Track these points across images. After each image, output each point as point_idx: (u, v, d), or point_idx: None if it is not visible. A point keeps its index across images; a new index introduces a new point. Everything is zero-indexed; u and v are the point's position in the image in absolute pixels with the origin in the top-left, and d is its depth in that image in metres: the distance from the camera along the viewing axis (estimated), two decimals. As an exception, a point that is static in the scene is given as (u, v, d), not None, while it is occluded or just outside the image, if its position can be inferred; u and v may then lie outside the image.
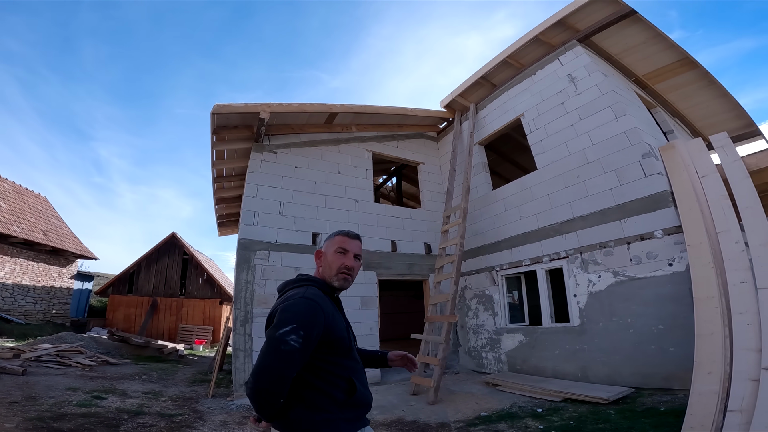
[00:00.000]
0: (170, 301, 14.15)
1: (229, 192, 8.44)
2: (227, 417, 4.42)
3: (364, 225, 6.98)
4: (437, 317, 5.84)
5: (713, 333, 3.40)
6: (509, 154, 9.59)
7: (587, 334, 5.05)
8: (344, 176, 7.20)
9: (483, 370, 6.49)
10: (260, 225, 6.06)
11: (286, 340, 1.09)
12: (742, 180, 4.15)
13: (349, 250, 1.39)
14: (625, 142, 5.13)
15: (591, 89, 5.74)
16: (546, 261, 5.78)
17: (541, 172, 6.18)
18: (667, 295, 4.29)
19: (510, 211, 6.54)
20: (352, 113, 7.18)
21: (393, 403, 4.93)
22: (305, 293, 1.24)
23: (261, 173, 6.38)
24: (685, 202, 4.30)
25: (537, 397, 4.67)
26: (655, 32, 5.96)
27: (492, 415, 4.19)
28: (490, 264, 6.73)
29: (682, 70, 6.71)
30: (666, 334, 4.26)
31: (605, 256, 5.00)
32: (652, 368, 4.34)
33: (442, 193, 8.09)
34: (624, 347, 4.64)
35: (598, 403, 4.09)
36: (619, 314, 4.73)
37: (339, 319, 1.31)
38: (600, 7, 5.76)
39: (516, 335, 6.07)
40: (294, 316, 1.15)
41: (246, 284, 5.67)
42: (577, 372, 5.06)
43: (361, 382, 1.30)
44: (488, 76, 7.34)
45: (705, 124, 8.00)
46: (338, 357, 1.25)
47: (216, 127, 6.15)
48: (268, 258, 5.93)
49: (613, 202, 5.05)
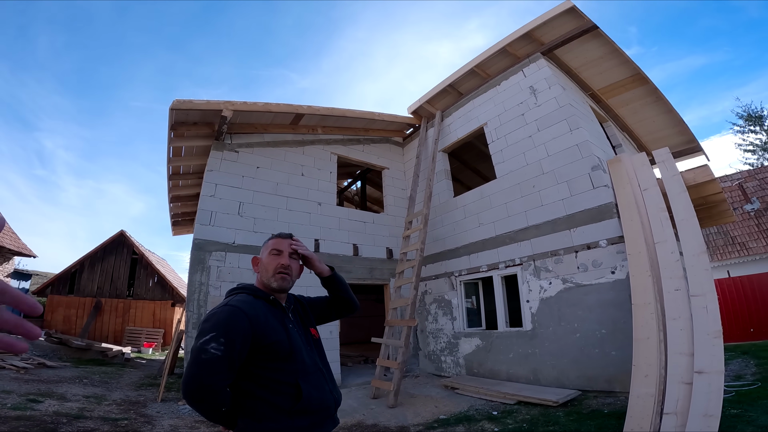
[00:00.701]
0: (116, 302, 13.30)
1: (185, 190, 8.06)
2: (178, 422, 4.22)
3: (326, 228, 6.89)
4: (397, 321, 5.85)
5: (649, 337, 3.63)
6: (471, 162, 9.83)
7: (538, 339, 5.25)
8: (308, 178, 7.09)
9: (442, 373, 6.57)
10: (217, 225, 5.83)
11: (206, 349, 1.09)
12: (679, 194, 4.48)
13: (283, 249, 1.40)
14: (577, 154, 5.38)
15: (550, 101, 5.95)
16: (502, 267, 5.96)
17: (499, 181, 6.37)
18: (610, 301, 4.55)
19: (469, 218, 6.69)
20: (319, 115, 7.08)
21: (353, 406, 4.89)
22: (229, 301, 1.24)
23: (220, 172, 6.15)
24: (628, 214, 4.58)
25: (493, 400, 4.80)
26: (612, 48, 6.25)
27: (450, 418, 4.26)
28: (450, 269, 6.85)
29: (634, 86, 7.08)
30: (608, 338, 4.50)
31: (556, 264, 5.23)
32: (596, 371, 4.57)
33: (406, 198, 8.16)
34: (571, 351, 4.85)
35: (548, 406, 4.25)
36: (567, 319, 4.96)
37: (275, 323, 1.27)
38: (565, 21, 5.98)
39: (473, 339, 6.20)
40: (214, 325, 1.14)
41: (200, 286, 5.42)
42: (530, 375, 5.24)
43: (313, 385, 1.25)
44: (455, 84, 7.47)
45: (651, 139, 8.50)
46: (278, 362, 1.21)
47: (174, 123, 5.86)
48: (224, 259, 5.71)
49: (564, 212, 5.29)
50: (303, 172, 7.07)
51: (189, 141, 6.29)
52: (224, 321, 1.16)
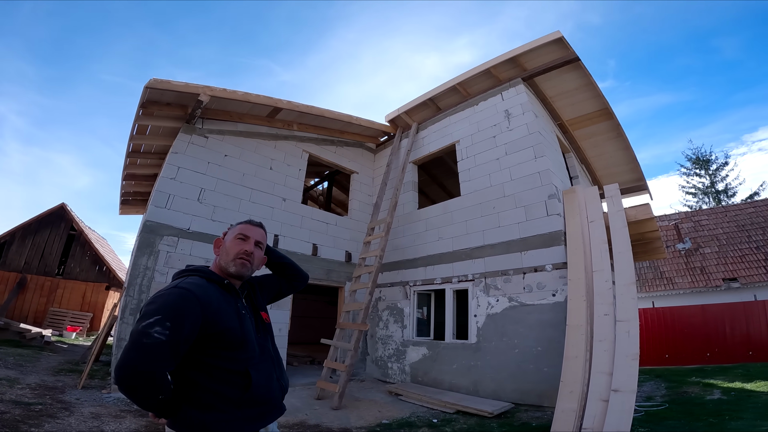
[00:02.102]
0: (43, 280, 12.21)
1: (142, 169, 7.66)
2: (101, 410, 3.98)
3: (288, 225, 6.83)
4: (349, 324, 5.89)
5: (577, 356, 3.94)
6: (439, 176, 10.12)
7: (481, 352, 5.49)
8: (276, 173, 7.00)
9: (388, 379, 6.66)
10: (174, 209, 5.61)
11: (148, 333, 1.01)
12: (620, 228, 4.91)
13: (251, 236, 1.36)
14: (538, 181, 5.70)
15: (521, 127, 6.21)
16: (455, 282, 6.19)
17: (463, 198, 6.62)
18: (548, 321, 4.87)
19: (430, 231, 6.89)
20: (297, 111, 7.03)
21: (296, 406, 4.85)
22: (179, 283, 1.17)
23: (185, 156, 5.95)
24: (573, 243, 4.95)
25: (434, 408, 4.95)
26: (588, 81, 6.60)
27: (392, 423, 4.35)
28: (405, 279, 7.00)
29: (600, 120, 7.51)
30: (543, 355, 4.82)
31: (504, 283, 5.52)
32: (530, 385, 4.86)
33: (371, 204, 8.25)
34: (509, 365, 5.13)
35: (484, 417, 4.46)
36: (509, 335, 5.24)
37: (228, 309, 1.22)
38: (551, 50, 6.19)
39: (421, 348, 6.36)
40: (160, 307, 1.06)
41: (145, 270, 5.17)
42: (470, 386, 5.45)
43: (262, 374, 1.22)
44: (436, 99, 7.62)
45: (605, 173, 9.08)
46: (227, 350, 1.16)
47: (146, 101, 5.61)
48: (176, 245, 5.49)
49: (519, 235, 5.61)
50: (272, 166, 6.98)
51: (158, 121, 6.03)
52: (172, 304, 1.08)
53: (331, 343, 5.82)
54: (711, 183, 22.93)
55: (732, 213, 13.68)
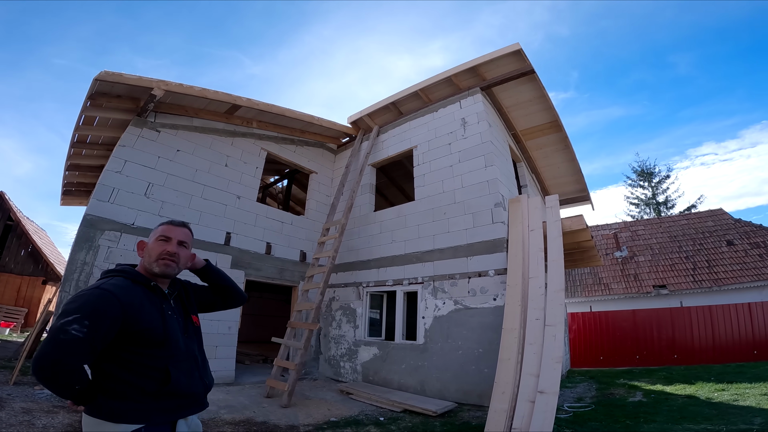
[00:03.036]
0: (-25, 273, 11.27)
1: (88, 160, 7.25)
2: (33, 405, 3.86)
3: (241, 222, 6.73)
4: (300, 324, 5.91)
5: (510, 359, 4.21)
6: (398, 179, 10.30)
7: (428, 353, 5.71)
8: (231, 170, 6.87)
9: (340, 378, 6.74)
10: (118, 203, 5.38)
11: (66, 330, 1.08)
12: (556, 238, 5.26)
13: (173, 237, 1.41)
14: (486, 190, 5.96)
15: (475, 136, 6.43)
16: (406, 284, 6.37)
17: (417, 203, 6.81)
18: (488, 324, 5.16)
19: (384, 234, 7.03)
20: (257, 110, 6.92)
21: (244, 404, 4.83)
22: (102, 284, 1.23)
23: (134, 149, 5.73)
24: (514, 250, 5.26)
25: (382, 407, 5.09)
26: (541, 93, 6.92)
27: (340, 421, 4.44)
28: (359, 280, 7.11)
29: (550, 132, 7.90)
30: (483, 356, 5.09)
31: (451, 286, 5.76)
32: (472, 386, 5.12)
33: (328, 204, 8.26)
34: (453, 366, 5.37)
35: (428, 415, 4.65)
36: (453, 337, 5.49)
37: (151, 309, 1.28)
38: (509, 62, 6.41)
39: (372, 348, 6.50)
40: (80, 307, 1.13)
41: (83, 265, 4.93)
42: (418, 385, 5.65)
43: (183, 372, 1.29)
44: (398, 103, 7.72)
45: (552, 183, 9.59)
46: (147, 348, 1.23)
47: (94, 93, 5.34)
48: (118, 240, 5.27)
49: (466, 241, 5.87)
50: (227, 163, 6.84)
51: (107, 112, 5.77)
52: (91, 304, 1.14)
53: (282, 341, 5.82)
54: (653, 195, 24.63)
55: (666, 224, 14.95)
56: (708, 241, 12.94)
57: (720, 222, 13.65)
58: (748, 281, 10.87)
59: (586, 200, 9.92)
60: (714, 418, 4.48)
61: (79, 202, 9.22)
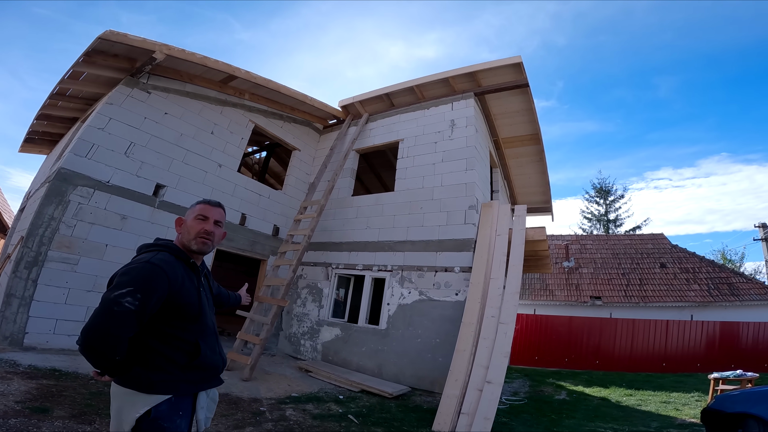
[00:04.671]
0: None
1: (62, 111, 6.87)
2: None
3: (219, 191, 6.68)
4: (268, 299, 6.02)
5: (465, 350, 4.66)
6: (378, 167, 10.49)
7: (389, 338, 6.07)
8: (216, 138, 6.78)
9: (299, 356, 6.93)
10: (95, 159, 5.22)
11: (120, 302, 1.14)
12: (519, 245, 5.75)
13: (210, 216, 1.46)
14: (463, 192, 6.28)
15: (461, 139, 6.69)
16: (375, 270, 6.67)
17: (396, 194, 7.06)
18: (448, 317, 5.59)
19: (360, 219, 7.24)
20: (252, 82, 6.85)
21: None
22: (152, 258, 1.29)
23: (121, 108, 5.58)
24: (480, 251, 5.69)
25: (341, 386, 5.38)
26: (530, 106, 7.24)
27: (301, 396, 4.67)
28: (329, 261, 7.30)
29: (529, 143, 8.30)
30: (440, 346, 5.52)
31: (418, 278, 6.13)
32: (426, 372, 5.53)
33: (307, 183, 8.33)
34: (411, 353, 5.77)
35: (384, 397, 5.01)
36: (415, 326, 5.89)
37: (190, 285, 1.36)
38: (507, 72, 6.68)
39: (334, 329, 6.76)
40: (133, 280, 1.19)
41: (50, 220, 4.76)
42: (375, 368, 5.98)
43: (209, 346, 1.37)
44: (392, 95, 7.80)
45: (522, 192, 10.16)
46: (184, 322, 1.31)
47: (92, 50, 5.12)
48: (90, 197, 5.12)
49: (438, 237, 6.23)
50: (214, 131, 6.75)
51: (99, 70, 5.53)
52: (145, 278, 1.21)
53: (248, 315, 5.87)
54: (606, 212, 26.34)
55: (612, 241, 16.34)
56: (644, 262, 14.35)
57: (658, 245, 15.12)
58: (671, 301, 12.25)
59: (548, 212, 10.60)
60: (620, 419, 5.22)
61: (39, 150, 8.65)
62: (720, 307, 11.93)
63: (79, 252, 4.95)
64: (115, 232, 5.31)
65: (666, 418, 5.39)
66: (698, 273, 13.11)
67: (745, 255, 36.00)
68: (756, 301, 11.73)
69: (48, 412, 2.92)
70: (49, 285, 4.67)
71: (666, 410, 5.86)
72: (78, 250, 4.95)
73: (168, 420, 1.24)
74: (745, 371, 6.45)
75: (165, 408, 1.24)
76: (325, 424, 3.81)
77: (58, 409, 3.03)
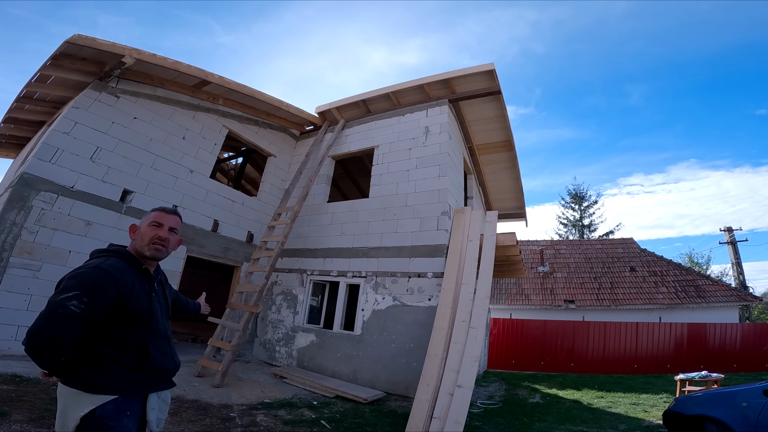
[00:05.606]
0: None
1: (29, 115, 6.67)
2: None
3: (190, 197, 6.60)
4: (241, 305, 5.97)
5: (437, 355, 4.71)
6: (354, 173, 10.53)
7: (363, 343, 6.09)
8: (188, 143, 6.69)
9: (274, 362, 6.87)
10: (59, 164, 5.10)
11: (66, 305, 1.17)
12: (490, 250, 5.88)
13: (164, 223, 1.49)
14: (436, 198, 6.39)
15: (434, 146, 6.80)
16: (349, 276, 6.69)
17: (370, 200, 7.11)
18: (421, 322, 5.65)
19: (335, 225, 7.26)
20: (226, 87, 6.81)
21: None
22: (101, 263, 1.31)
23: (87, 112, 5.47)
24: (452, 257, 5.79)
25: (315, 392, 5.36)
26: (502, 113, 7.42)
27: (274, 402, 4.63)
28: (304, 267, 7.28)
29: (502, 150, 8.50)
30: (414, 351, 5.57)
31: (392, 284, 6.19)
32: (400, 377, 5.57)
33: (282, 189, 8.29)
34: (385, 358, 5.80)
35: (359, 402, 5.01)
36: (389, 331, 5.92)
37: (140, 290, 1.39)
38: (480, 80, 6.82)
39: (309, 335, 6.73)
40: (80, 284, 1.22)
41: (12, 226, 4.61)
42: (351, 374, 5.99)
43: (159, 349, 1.40)
44: (368, 101, 7.86)
45: (496, 198, 10.38)
46: (133, 325, 1.34)
47: (60, 54, 5.02)
48: (54, 202, 4.97)
49: (411, 243, 6.31)
50: (185, 136, 6.67)
51: (66, 73, 5.41)
52: (92, 282, 1.24)
53: (219, 322, 5.81)
54: (580, 217, 27.23)
55: (584, 246, 16.85)
56: (615, 266, 14.85)
57: (628, 250, 15.69)
58: (641, 304, 12.72)
59: (522, 217, 10.84)
60: (589, 422, 5.35)
61: (5, 154, 8.34)
62: (687, 309, 12.44)
63: (42, 258, 4.81)
64: (79, 238, 5.16)
65: (634, 420, 5.53)
66: (666, 276, 13.66)
67: (711, 258, 37.71)
68: (722, 302, 12.28)
69: (6, 416, 2.92)
70: (11, 291, 4.55)
71: (635, 412, 6.02)
72: (40, 256, 4.80)
73: (114, 419, 1.26)
74: (711, 372, 6.70)
75: (111, 408, 1.26)
76: (296, 430, 3.81)
77: (17, 413, 3.02)
